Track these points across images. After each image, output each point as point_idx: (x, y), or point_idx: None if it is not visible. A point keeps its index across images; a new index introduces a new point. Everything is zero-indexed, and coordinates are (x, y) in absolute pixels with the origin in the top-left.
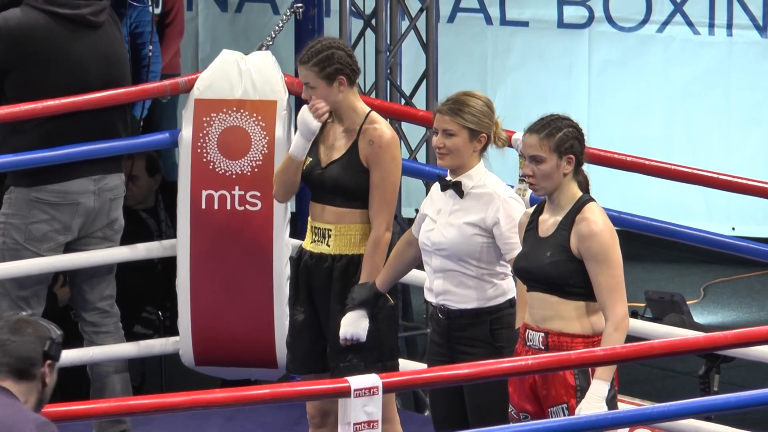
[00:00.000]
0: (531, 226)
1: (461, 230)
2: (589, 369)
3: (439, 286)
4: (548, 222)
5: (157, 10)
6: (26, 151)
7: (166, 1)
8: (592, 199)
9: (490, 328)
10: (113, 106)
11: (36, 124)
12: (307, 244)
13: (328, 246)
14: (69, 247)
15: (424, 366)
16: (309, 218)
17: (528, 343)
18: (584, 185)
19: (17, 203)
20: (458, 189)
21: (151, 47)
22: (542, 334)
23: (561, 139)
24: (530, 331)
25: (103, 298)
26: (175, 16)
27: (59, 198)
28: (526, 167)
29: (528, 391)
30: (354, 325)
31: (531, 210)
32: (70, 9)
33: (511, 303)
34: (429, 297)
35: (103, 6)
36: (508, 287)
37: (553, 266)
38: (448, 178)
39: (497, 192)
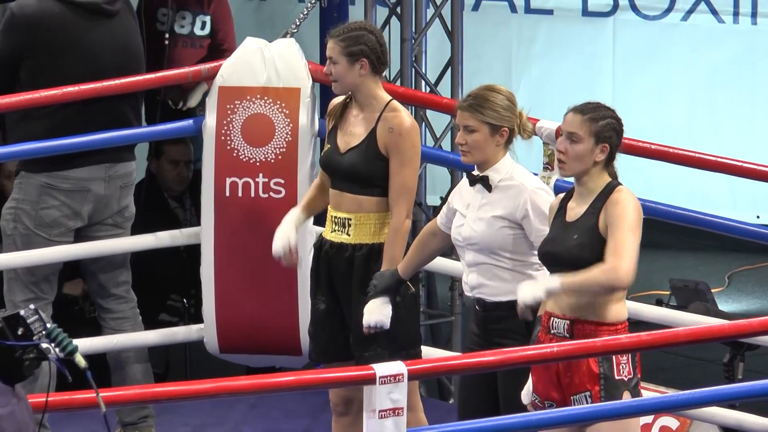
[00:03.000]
0: (559, 213)
1: (490, 224)
2: (614, 357)
3: (474, 280)
4: (576, 208)
5: (203, 32)
6: (38, 137)
7: (218, 28)
8: (621, 184)
9: (526, 320)
10: (125, 95)
11: (49, 111)
12: (327, 233)
13: (348, 235)
14: (80, 234)
15: (448, 353)
16: (329, 207)
17: (552, 331)
18: (615, 178)
19: (27, 189)
20: (486, 183)
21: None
22: (567, 321)
23: (603, 127)
24: (555, 319)
25: (119, 284)
26: (230, 46)
27: (69, 184)
28: (561, 143)
29: (554, 378)
30: (377, 312)
31: (561, 196)
32: None
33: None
34: (465, 290)
35: None
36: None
37: (579, 248)
38: (475, 172)
39: (524, 184)
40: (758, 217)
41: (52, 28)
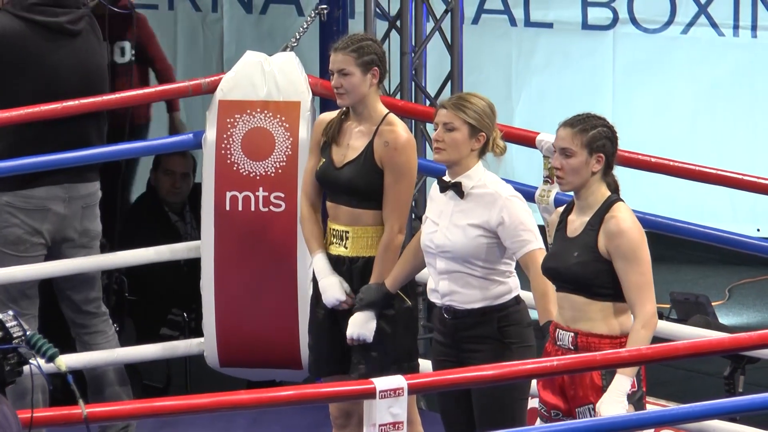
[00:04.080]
0: (560, 226)
1: (465, 232)
2: (617, 370)
3: (445, 288)
4: (576, 222)
5: (123, 59)
6: (1, 156)
7: (144, 49)
8: (620, 199)
9: (497, 325)
10: (89, 115)
11: (10, 130)
12: (326, 246)
13: (346, 248)
14: (49, 254)
15: None
16: (327, 220)
17: (558, 343)
18: (613, 188)
19: None
20: (458, 190)
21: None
22: (572, 334)
23: (593, 137)
24: (560, 331)
25: (89, 300)
26: (163, 64)
27: (29, 203)
28: (556, 160)
29: (558, 389)
30: (361, 325)
31: (561, 209)
32: (48, 16)
33: (517, 300)
34: (434, 298)
35: (82, 14)
36: (514, 285)
37: (581, 266)
38: (447, 178)
39: (498, 192)
40: (759, 230)
41: (14, 47)
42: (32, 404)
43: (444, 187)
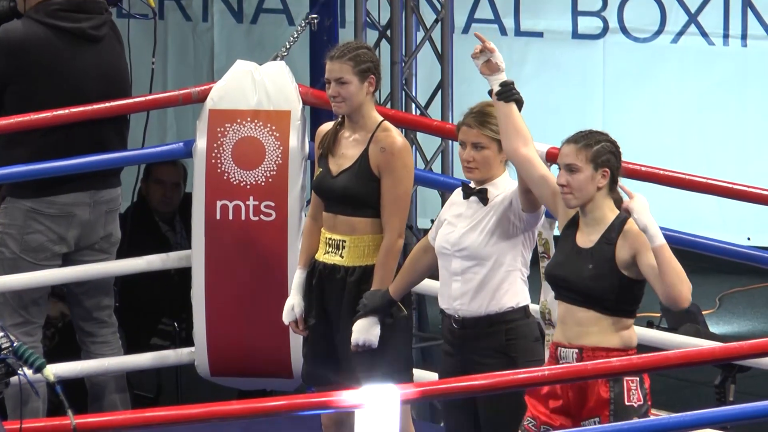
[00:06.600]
0: (568, 231)
1: (483, 232)
2: (625, 382)
3: (457, 290)
4: (585, 237)
5: None
6: (23, 162)
7: None
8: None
9: (505, 338)
10: (110, 120)
11: (34, 137)
12: (320, 255)
13: (342, 257)
14: (67, 259)
15: None
16: (322, 229)
17: (561, 362)
18: (619, 204)
19: (13, 213)
20: (483, 197)
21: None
22: (576, 350)
23: (598, 152)
24: (562, 349)
25: (101, 308)
26: None
27: (55, 209)
28: (561, 177)
29: (559, 406)
30: (366, 331)
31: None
32: (71, 22)
33: (527, 314)
34: (444, 304)
35: (105, 20)
36: (524, 296)
37: (595, 280)
38: (472, 185)
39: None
40: (749, 239)
41: (38, 53)
42: (21, 415)
43: (468, 193)
